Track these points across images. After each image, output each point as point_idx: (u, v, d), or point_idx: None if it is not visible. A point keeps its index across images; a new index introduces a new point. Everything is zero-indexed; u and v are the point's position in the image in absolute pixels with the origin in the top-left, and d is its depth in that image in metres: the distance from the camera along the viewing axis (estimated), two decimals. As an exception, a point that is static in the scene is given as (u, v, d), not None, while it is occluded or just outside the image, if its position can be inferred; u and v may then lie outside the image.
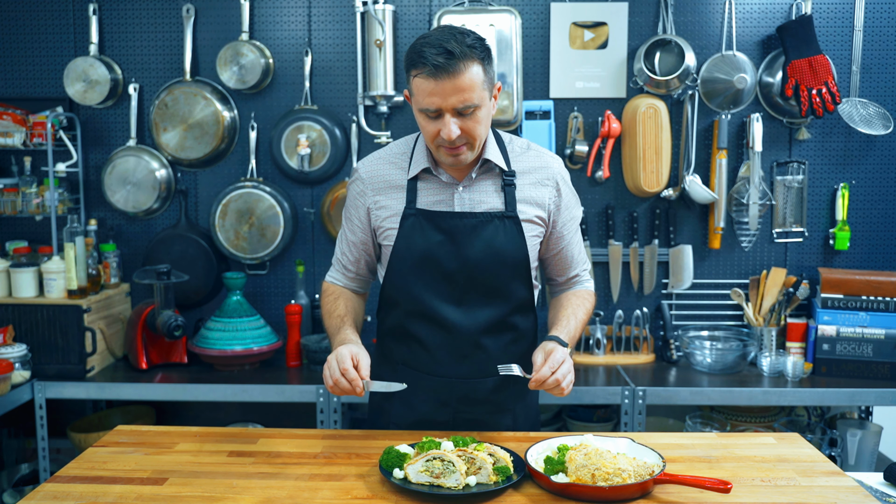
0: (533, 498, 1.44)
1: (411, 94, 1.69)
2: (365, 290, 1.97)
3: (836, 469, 1.57)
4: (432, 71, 1.59)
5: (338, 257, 1.92)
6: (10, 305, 2.76)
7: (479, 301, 1.77)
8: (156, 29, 3.06)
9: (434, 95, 1.61)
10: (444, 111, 1.63)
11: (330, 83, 3.06)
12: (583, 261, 1.94)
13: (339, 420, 2.69)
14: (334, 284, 1.93)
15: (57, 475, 1.55)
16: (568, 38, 3.00)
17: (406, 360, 1.83)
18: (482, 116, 1.67)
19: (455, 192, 1.77)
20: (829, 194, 3.07)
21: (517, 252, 1.76)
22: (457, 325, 1.76)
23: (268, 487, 1.48)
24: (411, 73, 1.65)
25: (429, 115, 1.65)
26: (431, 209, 1.76)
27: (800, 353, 2.88)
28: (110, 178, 3.02)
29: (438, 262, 1.75)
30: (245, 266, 3.13)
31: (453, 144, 1.66)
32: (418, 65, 1.61)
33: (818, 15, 2.97)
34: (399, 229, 1.77)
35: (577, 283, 1.95)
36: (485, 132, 1.71)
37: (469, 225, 1.75)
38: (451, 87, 1.60)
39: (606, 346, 3.00)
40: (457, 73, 1.59)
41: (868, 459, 2.79)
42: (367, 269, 1.92)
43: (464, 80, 1.60)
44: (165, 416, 3.22)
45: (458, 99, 1.61)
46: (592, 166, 3.01)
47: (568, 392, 1.63)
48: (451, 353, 1.78)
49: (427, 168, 1.77)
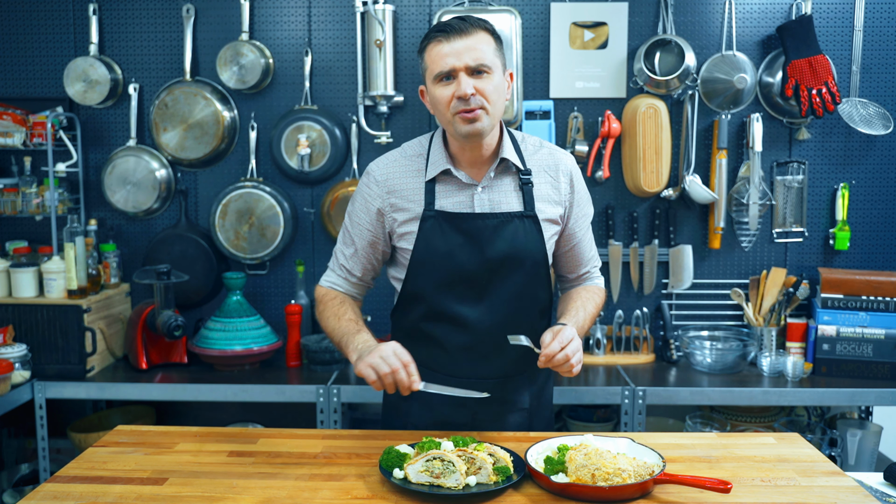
0: (533, 498, 1.44)
1: (426, 69, 1.72)
2: (362, 296, 1.94)
3: (836, 469, 1.57)
4: (446, 34, 1.68)
5: (340, 262, 1.88)
6: (10, 305, 2.76)
7: (500, 302, 1.77)
8: (156, 29, 3.06)
9: (448, 56, 1.67)
10: (458, 70, 1.67)
11: (330, 83, 3.06)
12: (594, 258, 1.95)
13: (339, 420, 2.69)
14: (335, 290, 1.90)
15: (57, 475, 1.55)
16: (568, 38, 3.00)
17: (424, 361, 1.80)
18: (496, 82, 1.70)
19: (474, 192, 1.77)
20: (829, 194, 3.07)
21: (537, 252, 1.77)
22: (477, 326, 1.77)
23: (268, 487, 1.48)
24: (426, 49, 1.71)
25: (443, 79, 1.68)
26: (451, 210, 1.76)
27: (800, 353, 2.88)
28: (110, 178, 3.02)
29: (460, 263, 1.74)
30: (245, 266, 3.13)
31: (468, 105, 1.67)
32: (432, 34, 1.71)
33: (818, 15, 2.98)
34: (419, 231, 1.76)
35: (588, 279, 1.96)
36: (499, 102, 1.72)
37: (490, 226, 1.75)
38: (463, 46, 1.67)
39: (606, 346, 3.00)
40: (469, 34, 1.68)
41: (868, 459, 2.79)
42: (371, 276, 1.90)
43: (476, 40, 1.68)
44: (165, 416, 3.22)
45: (471, 56, 1.66)
46: (592, 166, 3.01)
47: (577, 371, 1.63)
48: (471, 354, 1.78)
49: (446, 169, 1.76)
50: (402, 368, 1.59)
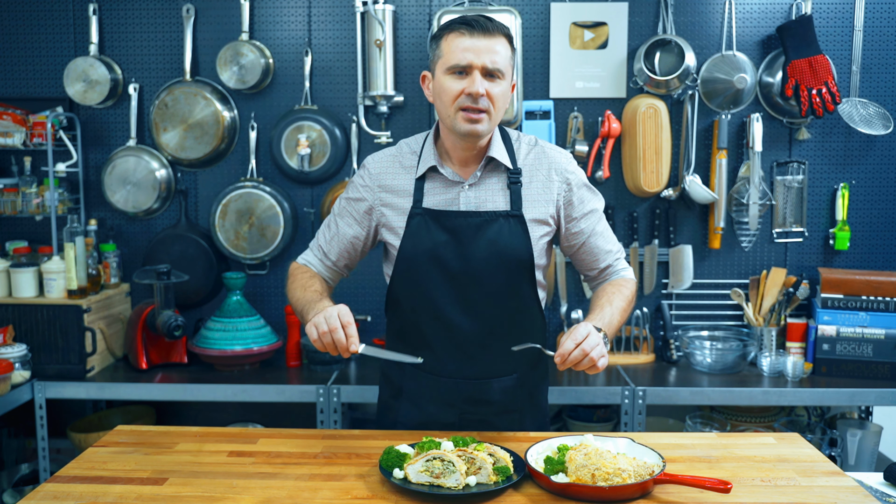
0: (533, 498, 1.44)
1: (439, 56, 1.71)
2: (334, 282, 1.93)
3: (836, 469, 1.57)
4: (470, 28, 1.67)
5: (319, 244, 1.90)
6: (10, 305, 2.76)
7: (485, 302, 1.77)
8: (156, 29, 3.06)
9: (468, 51, 1.66)
10: (475, 68, 1.66)
11: (330, 83, 3.06)
12: (614, 251, 1.89)
13: (339, 420, 2.69)
14: (307, 266, 1.90)
15: (57, 475, 1.55)
16: (568, 38, 3.00)
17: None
18: (504, 89, 1.71)
19: (461, 190, 1.77)
20: (829, 194, 3.07)
21: (522, 252, 1.76)
22: (462, 325, 1.76)
23: (268, 487, 1.48)
24: (444, 36, 1.70)
25: (457, 72, 1.68)
26: (437, 208, 1.76)
27: (800, 353, 2.88)
28: (110, 178, 3.02)
29: (444, 261, 1.75)
30: (245, 266, 3.13)
31: (476, 104, 1.67)
32: (455, 24, 1.69)
33: (818, 15, 2.97)
34: (406, 228, 1.77)
35: (613, 273, 1.90)
36: (502, 109, 1.73)
37: (473, 224, 1.75)
38: (485, 45, 1.66)
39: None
40: (492, 34, 1.68)
41: (868, 459, 2.79)
42: (345, 266, 1.91)
43: (497, 44, 1.68)
44: (165, 416, 3.22)
45: (490, 58, 1.66)
46: (592, 166, 3.01)
47: (602, 365, 1.57)
48: (457, 353, 1.78)
49: (433, 166, 1.77)
50: (339, 328, 1.57)
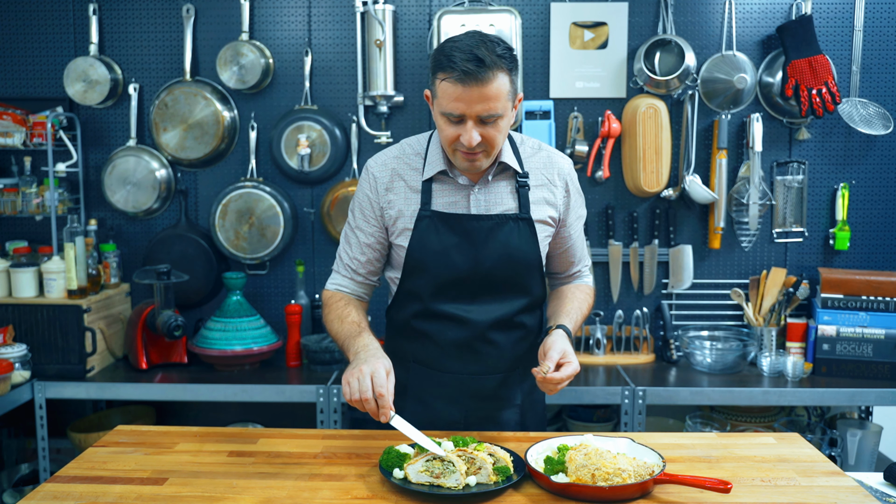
0: (533, 498, 1.44)
1: (434, 95, 1.67)
2: (369, 296, 1.91)
3: (836, 469, 1.57)
4: (461, 76, 1.56)
5: (345, 262, 1.85)
6: (10, 305, 2.76)
7: (491, 298, 1.78)
8: (156, 29, 3.06)
9: (459, 101, 1.59)
10: (468, 118, 1.62)
11: (330, 83, 3.06)
12: (585, 257, 1.98)
13: (339, 420, 2.69)
14: (341, 292, 1.86)
15: (57, 475, 1.54)
16: (568, 38, 3.00)
17: (417, 357, 1.83)
18: (503, 126, 1.66)
19: (471, 193, 1.77)
20: (829, 194, 3.07)
21: (531, 254, 1.78)
22: (467, 320, 1.77)
23: (268, 487, 1.48)
24: (438, 76, 1.62)
25: (451, 119, 1.63)
26: (447, 211, 1.76)
27: (800, 353, 2.88)
28: (110, 178, 3.02)
29: (453, 264, 1.75)
30: (245, 266, 3.13)
31: (472, 150, 1.65)
32: (447, 68, 1.59)
33: (818, 15, 2.97)
34: (414, 230, 1.76)
35: (578, 277, 1.99)
36: (503, 141, 1.70)
37: (484, 227, 1.75)
38: (477, 94, 1.58)
39: (606, 346, 3.00)
40: (485, 81, 1.57)
41: (868, 459, 2.79)
42: (376, 274, 1.88)
43: (491, 90, 1.58)
44: (165, 416, 3.22)
45: (483, 107, 1.60)
46: (592, 166, 3.01)
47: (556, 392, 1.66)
48: (461, 348, 1.79)
49: (443, 170, 1.76)
50: (372, 400, 1.52)
